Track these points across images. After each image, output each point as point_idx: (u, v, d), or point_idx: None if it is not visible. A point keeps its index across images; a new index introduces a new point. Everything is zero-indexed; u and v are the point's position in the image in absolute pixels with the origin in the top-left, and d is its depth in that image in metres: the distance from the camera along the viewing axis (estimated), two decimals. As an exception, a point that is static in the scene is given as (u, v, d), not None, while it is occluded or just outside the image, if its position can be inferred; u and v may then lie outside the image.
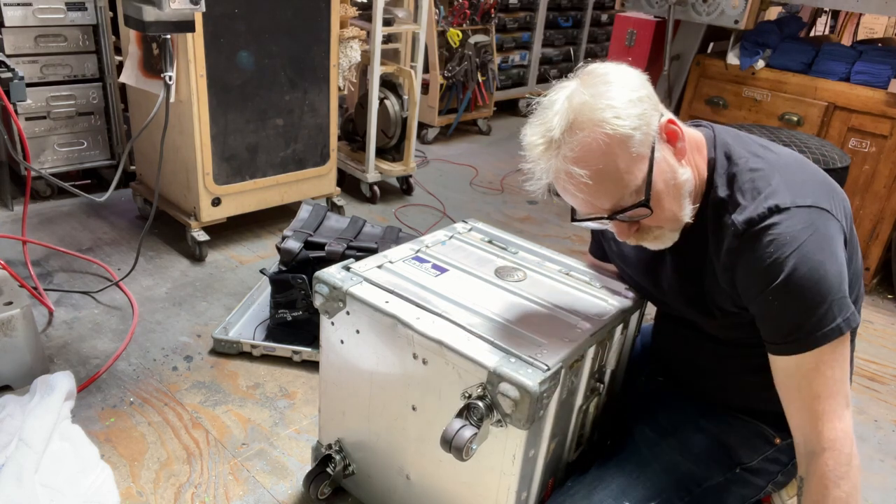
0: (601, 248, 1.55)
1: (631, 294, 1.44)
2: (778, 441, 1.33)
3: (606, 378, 1.45)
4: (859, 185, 2.88)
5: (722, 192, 1.18)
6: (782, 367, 1.14)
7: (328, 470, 1.58)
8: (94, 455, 1.67)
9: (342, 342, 1.44)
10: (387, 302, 1.33)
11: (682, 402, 1.42)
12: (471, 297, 1.37)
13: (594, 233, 1.58)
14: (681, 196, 1.15)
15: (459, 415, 1.17)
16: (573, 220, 1.21)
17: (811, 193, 1.12)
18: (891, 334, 2.72)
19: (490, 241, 1.65)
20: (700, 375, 1.42)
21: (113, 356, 2.13)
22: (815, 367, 1.10)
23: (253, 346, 2.18)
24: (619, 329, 1.40)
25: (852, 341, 1.31)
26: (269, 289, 2.25)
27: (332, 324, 1.44)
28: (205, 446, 1.83)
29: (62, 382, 1.79)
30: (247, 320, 2.35)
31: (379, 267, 1.47)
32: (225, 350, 2.20)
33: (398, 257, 1.51)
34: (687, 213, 1.17)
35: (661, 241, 1.21)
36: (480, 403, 1.16)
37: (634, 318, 1.47)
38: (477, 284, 1.44)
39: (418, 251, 1.55)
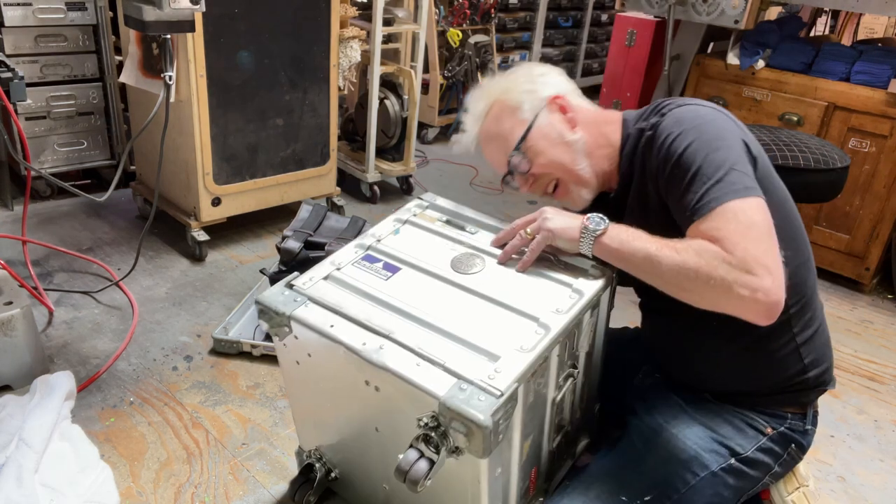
0: None
1: (597, 272, 1.35)
2: (770, 430, 1.37)
3: (581, 362, 1.39)
4: (859, 185, 2.88)
5: (640, 126, 1.35)
6: (699, 243, 1.15)
7: (312, 477, 1.56)
8: (94, 455, 1.68)
9: (297, 363, 1.36)
10: (332, 326, 1.23)
11: (676, 396, 1.45)
12: (423, 304, 1.28)
13: None
14: (573, 151, 1.38)
15: (416, 442, 1.11)
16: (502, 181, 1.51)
17: (714, 110, 1.27)
18: (891, 334, 2.72)
19: (447, 222, 1.56)
20: (686, 363, 1.46)
21: (113, 356, 2.13)
22: (735, 216, 1.13)
23: (253, 346, 2.18)
24: (587, 314, 1.32)
25: (817, 325, 1.38)
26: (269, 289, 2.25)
27: (285, 345, 1.35)
28: (205, 446, 1.83)
29: (62, 382, 1.79)
30: (247, 320, 2.35)
31: (325, 278, 1.36)
32: (225, 350, 2.20)
33: (347, 260, 1.41)
34: (584, 167, 1.39)
35: (573, 197, 1.42)
36: (434, 434, 1.09)
37: (605, 296, 1.39)
38: (431, 284, 1.35)
39: (368, 248, 1.45)
